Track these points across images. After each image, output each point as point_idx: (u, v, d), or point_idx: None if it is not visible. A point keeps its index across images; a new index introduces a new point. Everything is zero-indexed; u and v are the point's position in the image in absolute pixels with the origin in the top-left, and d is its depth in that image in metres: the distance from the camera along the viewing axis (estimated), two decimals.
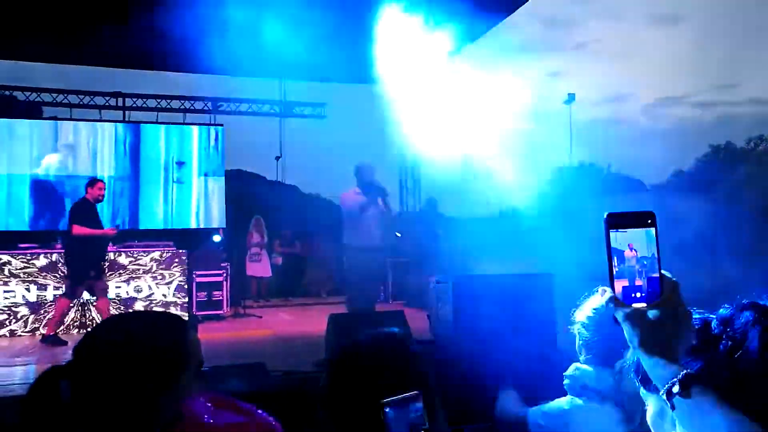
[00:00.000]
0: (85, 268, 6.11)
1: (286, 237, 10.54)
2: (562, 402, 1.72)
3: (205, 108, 12.46)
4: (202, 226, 9.50)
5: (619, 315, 0.90)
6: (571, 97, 16.35)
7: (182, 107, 11.75)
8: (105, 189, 6.49)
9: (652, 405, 0.96)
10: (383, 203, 5.66)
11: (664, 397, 0.85)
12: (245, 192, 11.69)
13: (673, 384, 0.84)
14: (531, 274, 4.29)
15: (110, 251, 7.45)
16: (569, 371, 1.73)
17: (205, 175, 9.60)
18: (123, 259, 7.49)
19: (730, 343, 1.06)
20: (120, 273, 7.45)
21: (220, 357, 4.82)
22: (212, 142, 9.71)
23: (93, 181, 6.42)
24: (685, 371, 0.84)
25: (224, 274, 8.36)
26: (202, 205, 9.54)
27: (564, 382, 1.73)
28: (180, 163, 9.44)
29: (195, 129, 9.88)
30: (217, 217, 9.57)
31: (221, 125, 10.46)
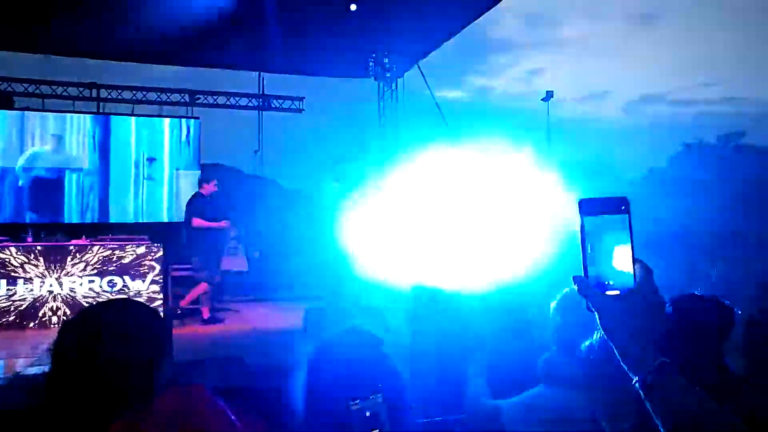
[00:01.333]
0: (208, 254, 6.98)
1: (263, 231, 10.47)
2: (531, 392, 1.73)
3: (182, 100, 12.31)
4: (174, 220, 9.35)
5: (592, 301, 0.88)
6: (549, 94, 16.49)
7: (159, 99, 11.58)
8: (218, 185, 7.29)
9: None
10: None
11: (638, 385, 0.84)
12: (222, 186, 11.57)
13: (648, 373, 0.83)
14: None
15: (83, 244, 7.33)
16: (540, 359, 1.74)
17: (177, 169, 9.45)
18: (96, 253, 7.38)
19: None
20: (93, 267, 7.34)
21: (197, 351, 4.79)
22: (184, 137, 9.56)
23: (207, 178, 7.24)
24: (660, 360, 0.84)
25: None
26: (174, 199, 9.39)
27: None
28: (151, 159, 9.28)
29: (166, 122, 9.69)
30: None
31: (198, 118, 10.34)
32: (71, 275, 7.22)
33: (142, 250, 7.58)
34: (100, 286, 7.36)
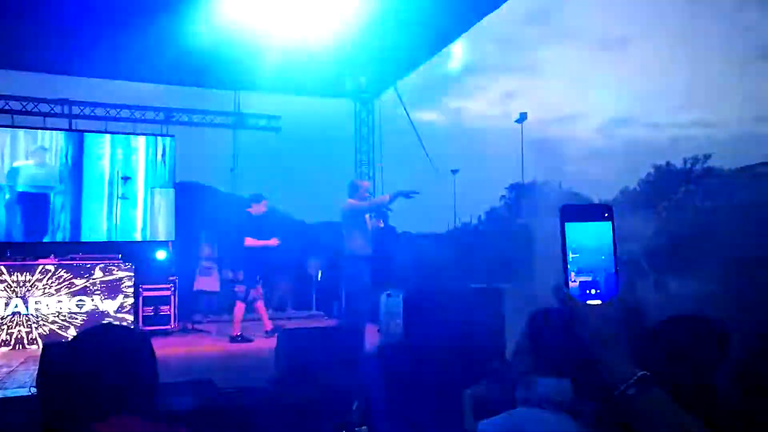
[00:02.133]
0: (254, 274, 7.19)
1: (237, 251, 10.35)
2: (513, 413, 1.70)
3: (157, 118, 12.19)
4: (147, 240, 9.17)
5: (572, 310, 0.86)
6: (523, 116, 16.75)
7: (132, 117, 11.46)
8: (267, 205, 7.52)
9: None
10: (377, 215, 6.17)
11: (618, 397, 0.82)
12: (197, 204, 11.43)
13: (629, 385, 0.81)
14: (481, 288, 4.33)
15: (52, 264, 7.17)
16: (526, 385, 1.71)
17: (152, 188, 9.29)
18: (65, 273, 7.21)
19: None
20: (63, 287, 7.16)
21: (166, 373, 4.69)
22: (159, 155, 9.43)
23: (259, 197, 7.43)
24: (641, 372, 0.82)
25: (172, 288, 8.15)
26: (149, 219, 9.23)
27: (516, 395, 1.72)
28: (125, 178, 9.11)
29: (141, 140, 9.55)
30: (165, 231, 9.27)
31: (173, 136, 10.24)
32: (38, 295, 7.03)
33: (112, 269, 7.43)
34: (69, 307, 7.19)
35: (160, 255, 8.92)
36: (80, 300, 7.25)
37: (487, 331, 3.42)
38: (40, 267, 7.13)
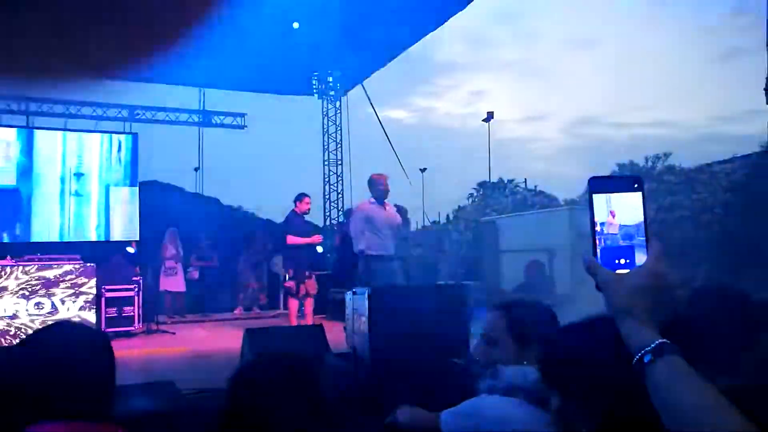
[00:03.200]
0: (302, 270, 7.11)
1: (203, 250, 10.21)
2: (476, 400, 1.69)
3: (120, 116, 11.95)
4: (102, 239, 8.92)
5: (599, 279, 0.85)
6: (490, 116, 16.89)
7: (94, 114, 11.20)
8: (311, 203, 7.44)
9: None
10: (398, 213, 6.18)
11: (636, 365, 0.81)
12: (161, 203, 11.23)
13: (645, 353, 0.80)
14: (446, 284, 4.35)
15: (7, 265, 6.96)
16: (492, 374, 1.69)
17: (108, 185, 9.02)
18: (23, 274, 6.99)
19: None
20: (19, 289, 6.95)
21: (128, 375, 4.58)
22: (116, 152, 9.15)
23: (301, 196, 7.35)
24: (659, 340, 0.80)
25: (136, 289, 7.98)
26: (104, 217, 8.96)
27: (483, 384, 1.69)
28: (78, 175, 8.84)
29: (96, 137, 9.26)
30: (123, 230, 9.02)
31: (136, 134, 10.02)
32: None
33: (73, 270, 7.24)
34: (27, 309, 6.97)
35: (129, 250, 8.74)
36: (39, 302, 7.04)
37: (451, 327, 3.43)
38: None
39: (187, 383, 3.99)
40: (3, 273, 6.90)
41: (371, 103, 12.26)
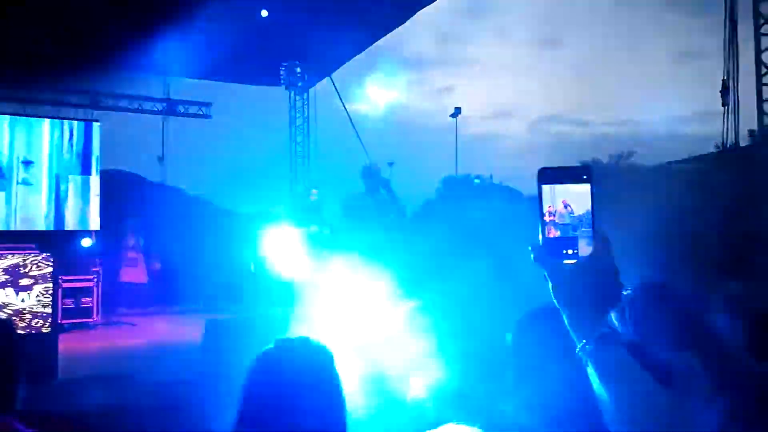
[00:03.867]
0: None
1: (166, 241, 10.04)
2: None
3: (81, 102, 11.62)
4: (52, 228, 8.63)
5: (546, 269, 0.87)
6: (457, 111, 16.99)
7: (52, 99, 10.87)
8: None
9: None
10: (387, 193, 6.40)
11: (579, 353, 0.84)
12: (124, 193, 11.00)
13: (588, 342, 0.83)
14: None
15: None
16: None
17: (58, 174, 8.72)
18: None
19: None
20: None
21: (85, 368, 4.49)
22: (67, 139, 8.84)
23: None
24: (600, 330, 0.83)
25: (95, 280, 7.81)
26: (54, 206, 8.67)
27: None
28: (27, 162, 8.53)
29: (46, 123, 8.93)
30: (75, 220, 8.76)
31: (97, 121, 9.76)
32: None
33: (27, 259, 7.03)
34: None
35: (87, 241, 8.51)
36: None
37: None
38: None
39: (146, 376, 3.94)
40: None
41: (339, 96, 12.22)
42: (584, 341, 0.83)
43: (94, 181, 8.93)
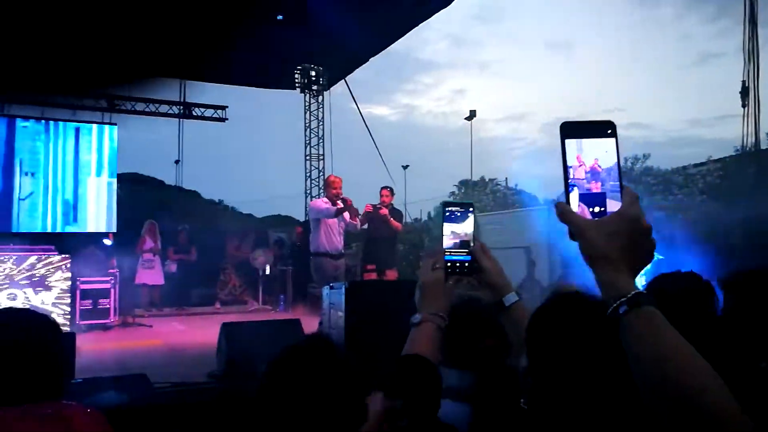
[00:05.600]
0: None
1: (181, 243, 10.11)
2: None
3: (98, 106, 11.76)
4: (75, 230, 8.72)
5: (573, 226, 0.81)
6: (472, 114, 16.95)
7: (70, 103, 11.01)
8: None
9: None
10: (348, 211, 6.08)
11: (610, 314, 0.77)
12: (140, 195, 11.12)
13: (621, 303, 0.75)
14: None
15: None
16: None
17: (76, 177, 8.81)
18: None
19: None
20: None
21: (101, 368, 4.53)
22: (85, 142, 8.92)
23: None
24: (634, 291, 0.76)
25: (112, 281, 7.88)
26: (75, 208, 8.77)
27: None
28: (46, 165, 8.63)
29: (69, 127, 9.04)
30: (96, 222, 8.84)
31: (115, 124, 9.87)
32: None
33: (47, 261, 7.13)
34: None
35: (106, 242, 8.62)
36: (12, 293, 6.92)
37: None
38: None
39: (161, 377, 3.96)
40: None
41: (354, 99, 12.24)
42: (618, 302, 0.75)
43: (112, 183, 9.03)
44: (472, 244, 1.23)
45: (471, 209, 1.25)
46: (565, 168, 0.82)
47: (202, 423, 3.17)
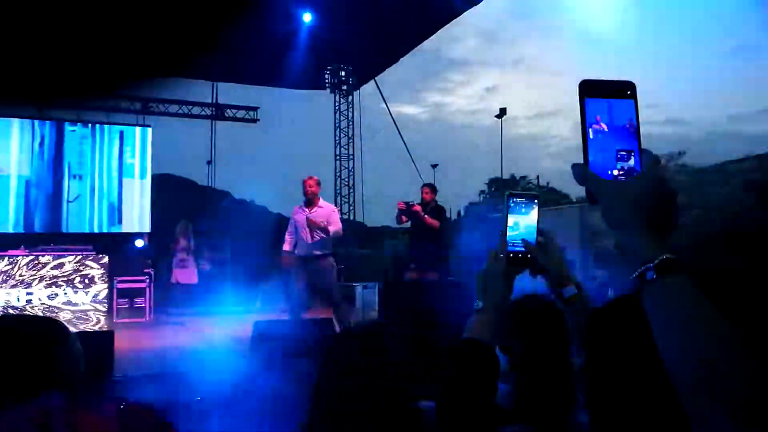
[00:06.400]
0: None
1: (215, 243, 10.25)
2: None
3: (133, 108, 12.01)
4: (113, 231, 8.95)
5: (594, 188, 0.77)
6: (503, 111, 16.78)
7: (105, 105, 11.26)
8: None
9: None
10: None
11: (636, 281, 0.70)
12: (174, 196, 11.31)
13: (648, 268, 0.69)
14: (456, 280, 4.34)
15: (21, 255, 7.04)
16: None
17: (111, 179, 9.03)
18: (36, 264, 7.07)
19: None
20: (33, 278, 7.03)
21: (137, 366, 4.62)
22: (119, 144, 9.13)
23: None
24: (664, 255, 0.69)
25: (147, 281, 8.05)
26: (111, 209, 8.99)
27: None
28: (86, 167, 8.85)
29: (101, 129, 9.26)
30: (132, 222, 9.05)
31: (149, 126, 10.08)
32: (6, 287, 6.89)
33: (85, 260, 7.31)
34: (39, 299, 7.05)
35: (139, 243, 8.81)
36: (53, 292, 7.11)
37: (460, 321, 3.42)
38: (7, 258, 6.99)
39: (196, 374, 4.02)
40: (16, 263, 6.97)
41: (383, 98, 12.26)
42: (645, 267, 0.68)
43: (146, 184, 9.22)
44: (535, 236, 1.23)
45: (536, 200, 1.25)
46: (584, 128, 0.80)
47: (233, 420, 3.20)
